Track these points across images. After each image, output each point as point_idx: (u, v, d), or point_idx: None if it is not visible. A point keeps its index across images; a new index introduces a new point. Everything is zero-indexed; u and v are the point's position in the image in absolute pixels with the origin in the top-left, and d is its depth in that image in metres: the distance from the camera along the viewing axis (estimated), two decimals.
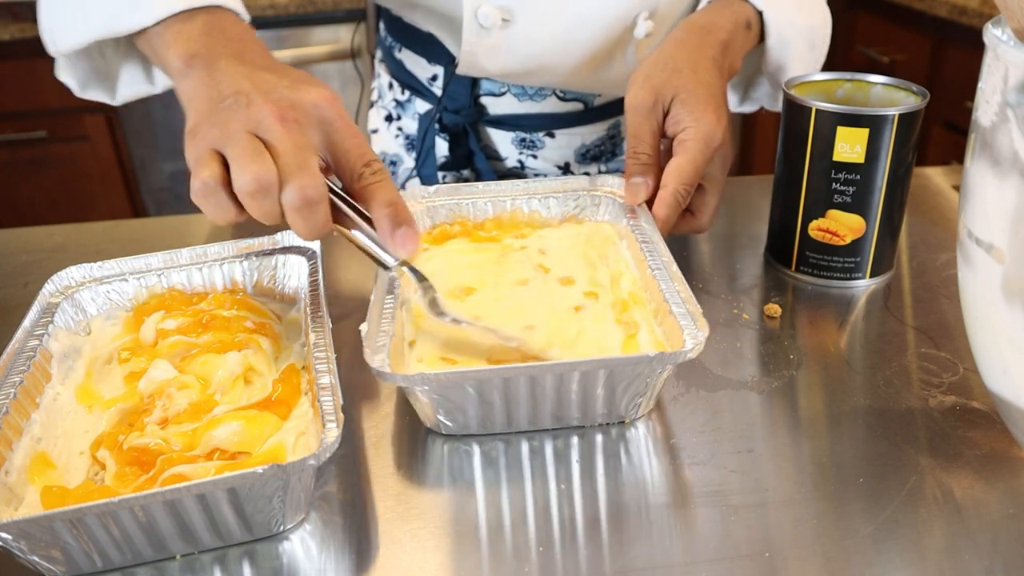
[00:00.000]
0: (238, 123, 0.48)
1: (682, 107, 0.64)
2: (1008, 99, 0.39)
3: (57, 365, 0.52)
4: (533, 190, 0.67)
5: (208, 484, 0.39)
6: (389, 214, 0.51)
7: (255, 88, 0.50)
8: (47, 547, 0.40)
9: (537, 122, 0.87)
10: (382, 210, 0.51)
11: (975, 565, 0.42)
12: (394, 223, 0.51)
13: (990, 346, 0.45)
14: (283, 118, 0.48)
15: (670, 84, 0.65)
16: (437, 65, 0.87)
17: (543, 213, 0.67)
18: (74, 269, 0.58)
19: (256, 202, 0.47)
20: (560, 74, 0.81)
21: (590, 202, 0.67)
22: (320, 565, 0.43)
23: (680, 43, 0.68)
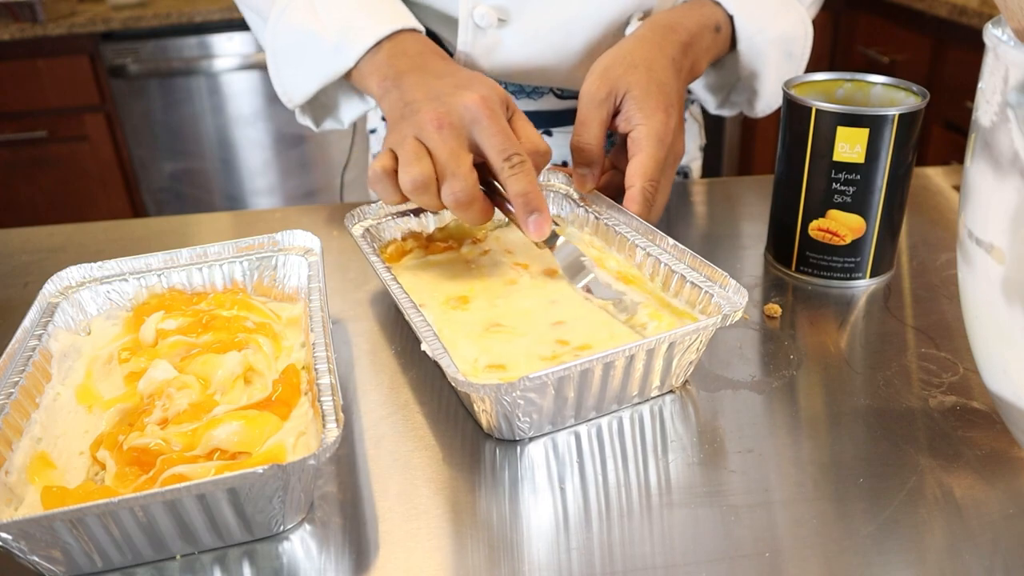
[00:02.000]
0: (408, 129, 0.59)
1: (633, 104, 0.66)
2: (1008, 99, 0.39)
3: (57, 365, 0.52)
4: None
5: (208, 484, 0.39)
6: (521, 204, 0.58)
7: (425, 96, 0.61)
8: (47, 547, 0.40)
9: (534, 120, 0.86)
10: (517, 200, 0.58)
11: (975, 565, 0.42)
12: (526, 211, 0.58)
13: (990, 346, 0.45)
14: (440, 124, 0.58)
15: (624, 79, 0.67)
16: None
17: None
18: (74, 269, 0.58)
19: (416, 196, 0.58)
20: (556, 74, 0.82)
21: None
22: (320, 565, 0.43)
23: (641, 40, 0.70)
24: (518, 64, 0.80)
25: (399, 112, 0.62)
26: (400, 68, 0.64)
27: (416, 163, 0.57)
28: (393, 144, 0.59)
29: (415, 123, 0.59)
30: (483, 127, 0.58)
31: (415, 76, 0.63)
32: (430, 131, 0.58)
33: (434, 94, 0.60)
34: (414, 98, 0.61)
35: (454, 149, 0.58)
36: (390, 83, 0.64)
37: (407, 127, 0.59)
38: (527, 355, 0.52)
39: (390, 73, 0.65)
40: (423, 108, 0.59)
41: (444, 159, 0.57)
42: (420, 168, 0.57)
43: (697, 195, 0.86)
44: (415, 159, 0.57)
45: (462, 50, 0.78)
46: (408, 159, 0.57)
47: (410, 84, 0.62)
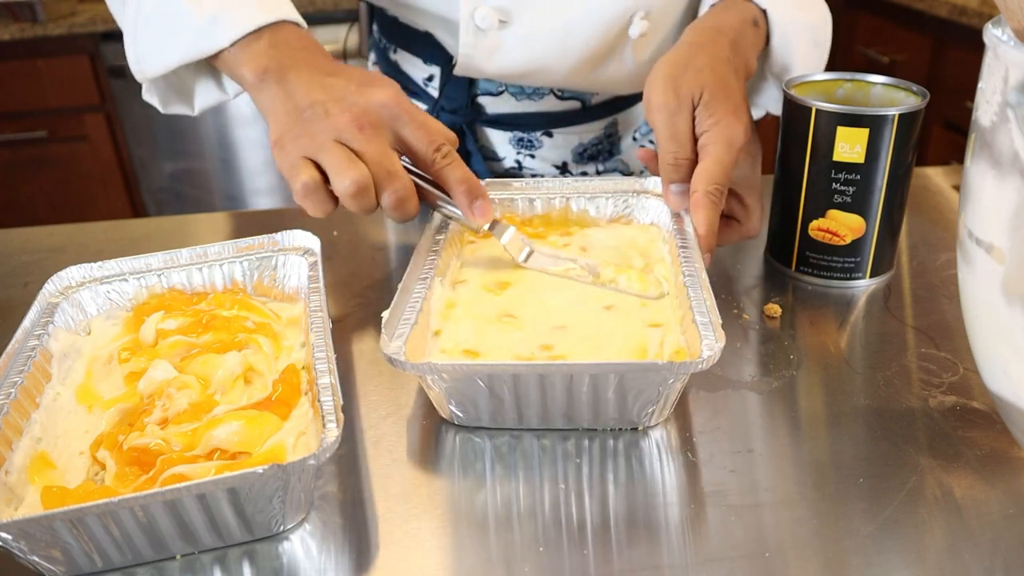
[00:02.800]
0: (324, 134, 0.56)
1: (704, 109, 0.63)
2: (1008, 99, 0.39)
3: (57, 365, 0.52)
4: (583, 189, 0.68)
5: (208, 484, 0.39)
6: (464, 191, 0.59)
7: (329, 97, 0.57)
8: (47, 547, 0.40)
9: (535, 121, 0.87)
10: (458, 188, 0.58)
11: (975, 565, 0.42)
12: (470, 198, 0.59)
13: (990, 346, 0.45)
14: (360, 126, 0.56)
15: (693, 84, 0.64)
16: (433, 65, 0.87)
17: (591, 213, 0.68)
18: (74, 269, 0.58)
19: (356, 201, 0.56)
20: (558, 74, 0.81)
21: (638, 204, 0.67)
22: (320, 565, 0.43)
23: (694, 46, 0.67)
24: (521, 65, 0.79)
25: (293, 113, 0.58)
26: (283, 61, 0.60)
27: (351, 168, 0.55)
28: (309, 151, 0.56)
29: (330, 126, 0.56)
30: (405, 122, 0.58)
31: (304, 73, 0.59)
32: (352, 133, 0.56)
33: (338, 94, 0.58)
34: (314, 99, 0.58)
35: (382, 149, 0.57)
36: (271, 76, 0.60)
37: (321, 131, 0.56)
38: (508, 350, 0.52)
39: (271, 65, 0.60)
40: (334, 110, 0.57)
41: (376, 160, 0.56)
42: (357, 172, 0.55)
43: None
44: (349, 164, 0.55)
45: (464, 52, 0.78)
46: (340, 165, 0.55)
47: (300, 82, 0.59)
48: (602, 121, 0.89)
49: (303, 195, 0.56)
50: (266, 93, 0.60)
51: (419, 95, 0.89)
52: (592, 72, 0.82)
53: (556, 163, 0.89)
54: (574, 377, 0.47)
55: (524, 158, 0.89)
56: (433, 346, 0.52)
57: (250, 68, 0.60)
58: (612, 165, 0.92)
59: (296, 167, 0.56)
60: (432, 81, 0.88)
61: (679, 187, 0.63)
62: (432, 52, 0.86)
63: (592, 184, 0.68)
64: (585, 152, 0.89)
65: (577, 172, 0.90)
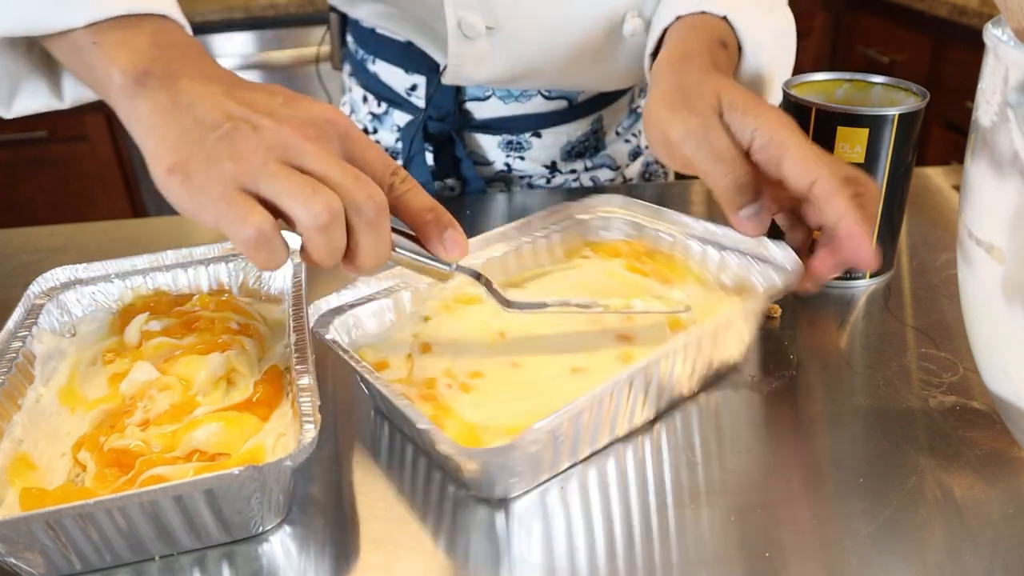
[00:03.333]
0: (259, 153, 0.42)
1: (733, 111, 0.55)
2: (1008, 99, 0.39)
3: (40, 367, 0.52)
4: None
5: (185, 485, 0.39)
6: (431, 220, 0.46)
7: (251, 110, 0.43)
8: (25, 549, 0.40)
9: (523, 123, 0.86)
10: (424, 216, 0.46)
11: (975, 565, 0.42)
12: (439, 228, 0.46)
13: (990, 346, 0.45)
14: (308, 137, 0.43)
15: (706, 94, 0.56)
16: (416, 75, 0.86)
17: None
18: (59, 270, 0.57)
19: (326, 236, 0.42)
20: (549, 76, 0.81)
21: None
22: (300, 566, 0.43)
23: (673, 73, 0.61)
24: (511, 70, 0.79)
25: (196, 131, 0.42)
26: (172, 66, 0.45)
27: (316, 191, 0.41)
28: (242, 179, 0.41)
29: (266, 143, 0.42)
30: (355, 140, 0.45)
31: (203, 83, 0.44)
32: (299, 146, 0.42)
33: (265, 108, 0.44)
34: (230, 113, 0.43)
35: (340, 161, 0.43)
36: (154, 82, 0.44)
37: (252, 150, 0.42)
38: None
39: (156, 68, 0.45)
40: (265, 123, 0.43)
41: (339, 174, 0.42)
42: (326, 195, 0.41)
43: (697, 195, 0.86)
44: (311, 186, 0.41)
45: (453, 62, 0.76)
46: (298, 190, 0.41)
47: (201, 93, 0.44)
48: (588, 118, 0.88)
49: (255, 244, 0.41)
50: (145, 102, 0.44)
51: (403, 105, 0.88)
52: (584, 71, 0.81)
53: (545, 163, 0.89)
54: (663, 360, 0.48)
55: (514, 160, 0.88)
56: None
57: (122, 66, 0.45)
58: (599, 161, 0.91)
59: (233, 204, 0.40)
60: (416, 90, 0.87)
61: (750, 210, 0.54)
62: (414, 61, 0.85)
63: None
64: (573, 150, 0.89)
65: (566, 170, 0.90)
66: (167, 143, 0.42)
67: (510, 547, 0.43)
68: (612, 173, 0.93)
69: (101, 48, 0.46)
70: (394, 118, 0.89)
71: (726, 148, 0.53)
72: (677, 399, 0.53)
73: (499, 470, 0.44)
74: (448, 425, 0.47)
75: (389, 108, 0.89)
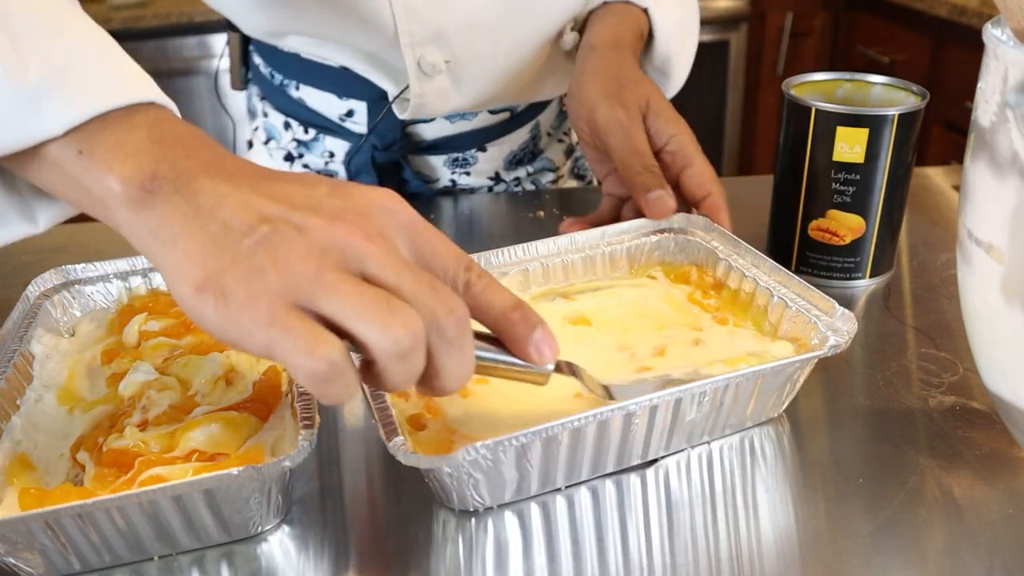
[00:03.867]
0: (311, 260, 0.34)
1: (657, 118, 0.65)
2: (1008, 99, 0.39)
3: (39, 367, 0.52)
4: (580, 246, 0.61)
5: (184, 485, 0.39)
6: (520, 319, 0.39)
7: (290, 207, 0.36)
8: (24, 549, 0.40)
9: (469, 140, 0.85)
10: (510, 317, 0.39)
11: (975, 565, 0.42)
12: (528, 328, 0.39)
13: (990, 346, 0.45)
14: (368, 236, 0.36)
15: (638, 95, 0.65)
16: (353, 100, 0.82)
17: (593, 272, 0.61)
18: (59, 270, 0.57)
19: (407, 364, 0.35)
20: (506, 97, 0.82)
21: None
22: (299, 566, 0.43)
23: (605, 59, 0.70)
24: (471, 98, 0.78)
25: (218, 240, 0.35)
26: (182, 163, 0.37)
27: (394, 313, 0.34)
28: (296, 293, 0.34)
29: (317, 248, 0.35)
30: (420, 231, 0.38)
31: (224, 180, 0.37)
32: (359, 249, 0.35)
33: (307, 202, 0.36)
34: (264, 213, 0.35)
35: (411, 268, 0.36)
36: (166, 186, 0.36)
37: (299, 260, 0.34)
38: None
39: (164, 169, 0.36)
40: (314, 223, 0.35)
41: (411, 286, 0.35)
42: (405, 319, 0.34)
43: None
44: (386, 308, 0.34)
45: (416, 103, 0.75)
46: (374, 311, 0.34)
47: (222, 192, 0.36)
48: (527, 125, 0.88)
49: (325, 379, 0.34)
50: (158, 212, 0.36)
51: (337, 132, 0.84)
52: (534, 87, 0.83)
53: (489, 175, 0.88)
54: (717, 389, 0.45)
55: (459, 176, 0.87)
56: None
57: (124, 175, 0.36)
58: (540, 164, 0.92)
59: (288, 330, 0.33)
60: (352, 116, 0.83)
61: (657, 193, 0.61)
62: (351, 87, 0.81)
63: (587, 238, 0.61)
64: (514, 158, 0.89)
65: (509, 179, 0.89)
66: (191, 256, 0.35)
67: (512, 551, 0.43)
68: (552, 175, 0.93)
69: (90, 157, 0.37)
70: (325, 144, 0.85)
71: (643, 143, 0.64)
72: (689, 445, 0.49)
73: (450, 480, 0.43)
74: (430, 425, 0.46)
75: (319, 134, 0.85)
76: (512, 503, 0.46)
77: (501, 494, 0.45)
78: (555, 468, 0.45)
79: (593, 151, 0.70)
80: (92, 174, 0.37)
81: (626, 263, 0.61)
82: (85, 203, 0.39)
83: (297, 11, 0.73)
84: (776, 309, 0.52)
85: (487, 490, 0.44)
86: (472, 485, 0.43)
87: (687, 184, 0.64)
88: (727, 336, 0.53)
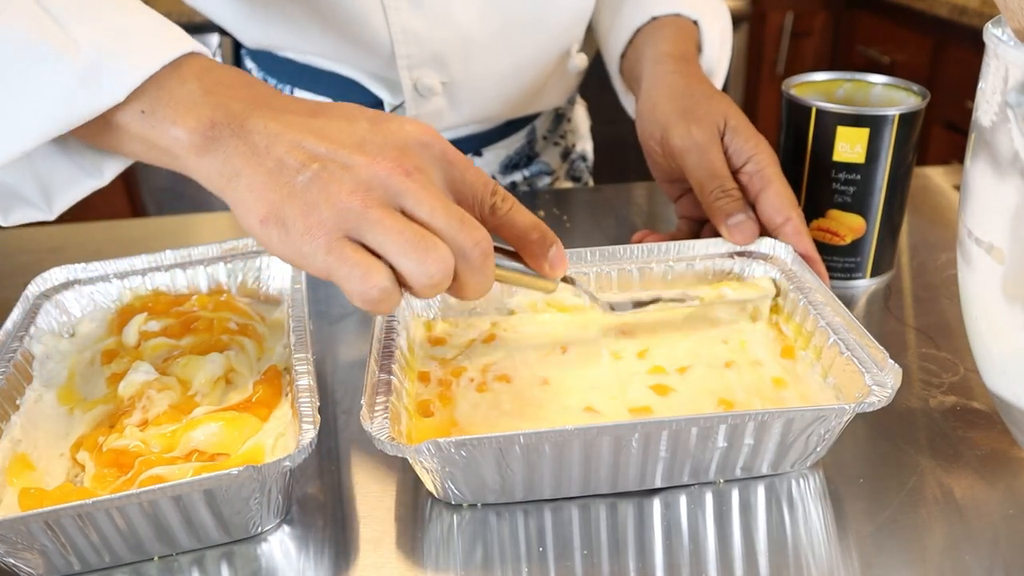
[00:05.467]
0: (357, 196, 0.39)
1: (735, 136, 0.61)
2: (1008, 99, 0.39)
3: (39, 367, 0.52)
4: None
5: (184, 485, 0.39)
6: (538, 238, 0.46)
7: (336, 144, 0.40)
8: (24, 549, 0.40)
9: (465, 146, 0.85)
10: (530, 235, 0.46)
11: (975, 565, 0.41)
12: (544, 247, 0.46)
13: (990, 346, 0.45)
14: (407, 171, 0.40)
15: (714, 113, 0.62)
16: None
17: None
18: (58, 270, 0.57)
19: (436, 288, 0.41)
20: (504, 113, 0.82)
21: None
22: (299, 567, 0.43)
23: (680, 74, 0.66)
24: (467, 117, 0.79)
25: (275, 176, 0.39)
26: (233, 107, 0.41)
27: (432, 246, 0.39)
28: (347, 226, 0.39)
29: (362, 184, 0.39)
30: (453, 162, 0.43)
31: (271, 118, 0.41)
32: (399, 185, 0.40)
33: (347, 138, 0.41)
34: (311, 150, 0.40)
35: (443, 198, 0.41)
36: (225, 130, 0.40)
37: (346, 194, 0.39)
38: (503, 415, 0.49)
39: (218, 116, 0.40)
40: (356, 159, 0.40)
41: (444, 221, 0.40)
42: (438, 256, 0.40)
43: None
44: (423, 245, 0.39)
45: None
46: (413, 247, 0.39)
47: (272, 131, 0.40)
48: (524, 130, 0.89)
49: (377, 301, 0.40)
50: (219, 155, 0.40)
51: None
52: (531, 103, 0.83)
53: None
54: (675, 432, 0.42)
55: None
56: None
57: (188, 126, 0.40)
58: (536, 168, 0.91)
59: (345, 260, 0.39)
60: None
61: (738, 218, 0.59)
62: (346, 90, 0.80)
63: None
64: (510, 163, 0.89)
65: (505, 183, 0.89)
66: (254, 192, 0.40)
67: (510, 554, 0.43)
68: (548, 179, 0.93)
69: (152, 115, 0.41)
70: None
71: (721, 165, 0.61)
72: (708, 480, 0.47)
73: (427, 472, 0.43)
74: (438, 414, 0.48)
75: None
76: (520, 505, 0.46)
77: (483, 493, 0.45)
78: (540, 478, 0.44)
79: (664, 172, 0.67)
80: (158, 130, 0.41)
81: (697, 279, 0.60)
82: (152, 155, 0.43)
83: (294, 30, 0.73)
84: (830, 351, 0.49)
85: (466, 487, 0.44)
86: (450, 479, 0.44)
87: (764, 208, 0.60)
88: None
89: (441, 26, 0.71)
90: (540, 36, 0.76)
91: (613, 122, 1.40)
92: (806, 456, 0.46)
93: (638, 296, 0.57)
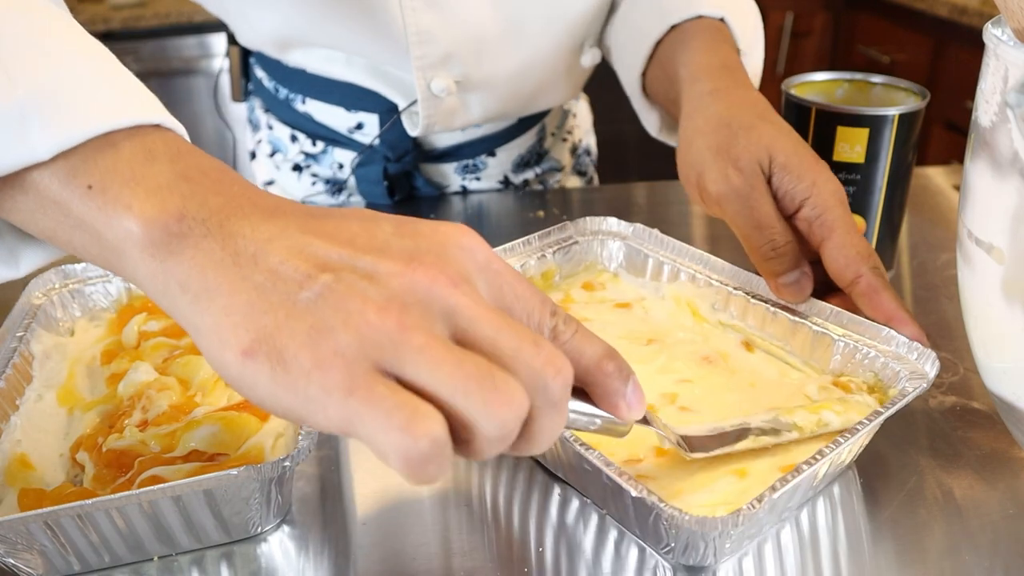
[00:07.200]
0: (391, 317, 0.28)
1: (785, 175, 0.51)
2: (1008, 99, 0.39)
3: (39, 367, 0.52)
4: None
5: (183, 486, 0.39)
6: (615, 369, 0.34)
7: (352, 249, 0.30)
8: (24, 549, 0.40)
9: (478, 147, 0.85)
10: (604, 367, 0.34)
11: (975, 565, 0.41)
12: (623, 378, 0.34)
13: (990, 346, 0.45)
14: (455, 283, 0.30)
15: (754, 149, 0.52)
16: (363, 112, 0.81)
17: None
18: (58, 270, 0.57)
19: (504, 444, 0.30)
20: (515, 111, 0.82)
21: None
22: (298, 567, 0.43)
23: (718, 95, 0.56)
24: (481, 115, 0.78)
25: (266, 292, 0.29)
26: (211, 201, 0.31)
27: (498, 388, 0.28)
28: (377, 356, 0.28)
29: (404, 299, 0.29)
30: (500, 272, 0.32)
31: (265, 220, 0.31)
32: (451, 302, 0.29)
33: (371, 244, 0.31)
34: (321, 258, 0.30)
35: (507, 318, 0.31)
36: (197, 226, 0.30)
37: (372, 314, 0.28)
38: None
39: (192, 206, 0.31)
40: (387, 269, 0.30)
41: (513, 345, 0.30)
42: (511, 397, 0.28)
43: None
44: (490, 382, 0.28)
45: (426, 122, 0.75)
46: (478, 385, 0.28)
47: (269, 234, 0.30)
48: (534, 128, 0.89)
49: (427, 459, 0.27)
50: (187, 260, 0.30)
51: (347, 144, 0.83)
52: (545, 99, 0.83)
53: (499, 179, 0.88)
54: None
55: (469, 182, 0.88)
56: None
57: (146, 215, 0.30)
58: (547, 165, 0.92)
59: (376, 402, 0.27)
60: (362, 128, 0.82)
61: (792, 277, 0.52)
62: (360, 100, 0.80)
63: None
64: (522, 161, 0.89)
65: (518, 181, 0.89)
66: (234, 316, 0.29)
67: (520, 553, 0.43)
68: (559, 175, 0.94)
69: (102, 194, 0.31)
70: (334, 156, 0.85)
71: (767, 215, 0.51)
72: None
73: None
74: None
75: (327, 147, 0.84)
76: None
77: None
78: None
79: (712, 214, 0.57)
80: (105, 213, 0.31)
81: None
82: (93, 251, 0.32)
83: (315, 24, 0.73)
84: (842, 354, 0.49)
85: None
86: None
87: (829, 264, 0.51)
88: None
89: (455, 24, 0.71)
90: (554, 32, 0.75)
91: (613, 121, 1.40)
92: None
93: (720, 426, 0.45)
